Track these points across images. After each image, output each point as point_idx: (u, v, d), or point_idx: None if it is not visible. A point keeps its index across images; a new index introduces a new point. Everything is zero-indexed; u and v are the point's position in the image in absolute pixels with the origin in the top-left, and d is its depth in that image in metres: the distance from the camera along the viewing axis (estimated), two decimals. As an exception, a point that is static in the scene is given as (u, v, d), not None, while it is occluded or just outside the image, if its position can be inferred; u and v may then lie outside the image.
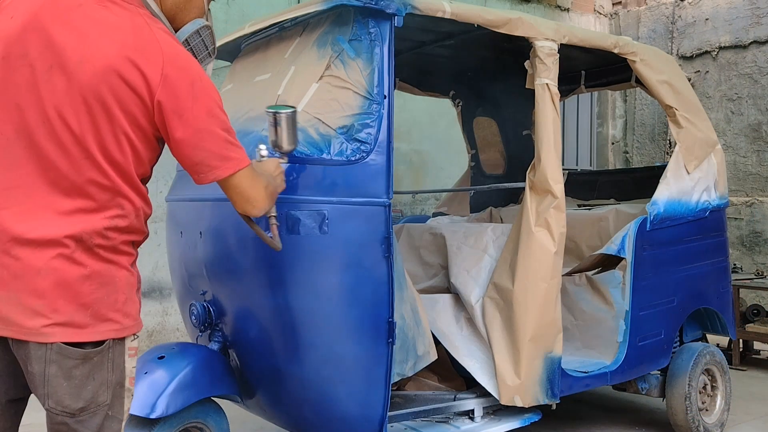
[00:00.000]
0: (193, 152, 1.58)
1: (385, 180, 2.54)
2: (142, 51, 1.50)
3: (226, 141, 1.61)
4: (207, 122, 1.57)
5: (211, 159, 1.60)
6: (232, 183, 1.67)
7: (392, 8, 2.57)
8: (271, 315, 2.51)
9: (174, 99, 1.52)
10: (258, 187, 1.75)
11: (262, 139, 2.45)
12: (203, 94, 1.56)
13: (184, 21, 1.73)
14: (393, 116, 2.58)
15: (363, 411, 2.60)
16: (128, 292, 1.54)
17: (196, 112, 1.55)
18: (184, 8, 1.72)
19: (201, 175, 1.62)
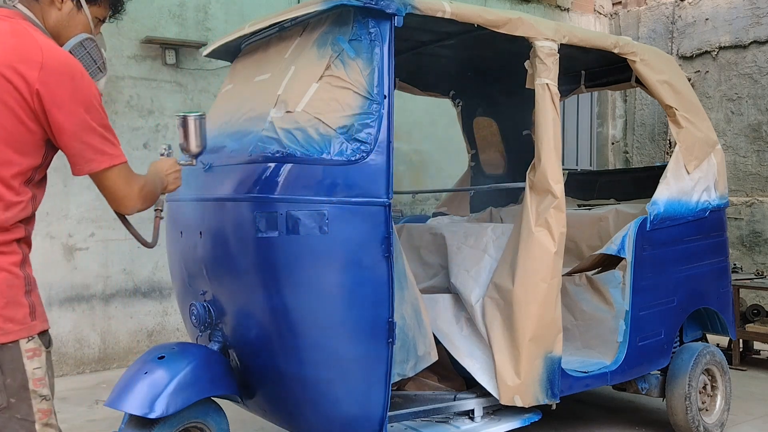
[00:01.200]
0: (70, 142, 1.65)
1: (385, 180, 2.54)
2: (21, 52, 1.58)
3: (102, 136, 1.68)
4: (85, 116, 1.64)
5: (87, 151, 1.66)
6: (105, 178, 1.73)
7: (392, 8, 2.57)
8: (271, 315, 2.50)
9: (52, 89, 1.59)
10: (131, 187, 1.79)
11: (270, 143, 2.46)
12: (82, 88, 1.64)
13: (68, 37, 1.83)
14: (393, 116, 2.58)
15: (363, 411, 2.60)
16: (7, 295, 1.54)
17: (74, 105, 1.62)
18: (67, 25, 1.82)
19: (77, 167, 1.69)
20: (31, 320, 1.58)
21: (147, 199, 1.89)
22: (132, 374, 2.50)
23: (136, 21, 5.40)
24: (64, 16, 1.81)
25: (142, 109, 5.43)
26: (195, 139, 2.30)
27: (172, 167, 2.16)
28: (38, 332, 1.60)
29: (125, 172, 1.76)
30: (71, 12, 1.83)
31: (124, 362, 5.23)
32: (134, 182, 1.81)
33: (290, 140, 2.47)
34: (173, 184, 2.16)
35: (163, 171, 2.11)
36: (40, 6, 1.78)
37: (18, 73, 1.56)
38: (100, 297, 5.20)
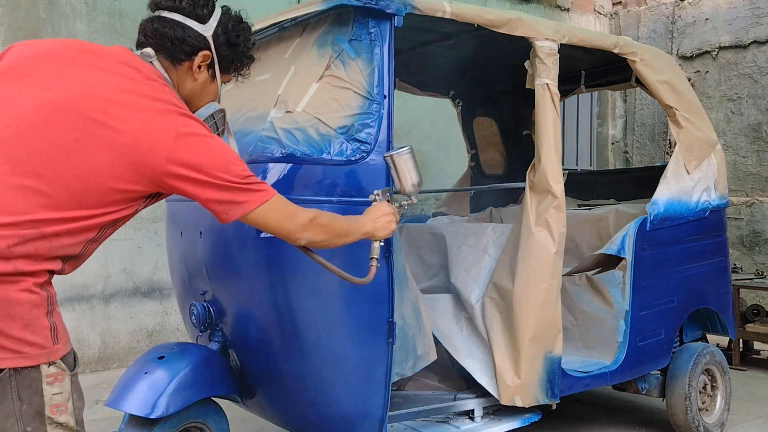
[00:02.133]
0: (211, 205, 1.69)
1: (385, 180, 2.54)
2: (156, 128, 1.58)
3: (243, 188, 1.69)
4: (223, 176, 1.66)
5: (231, 205, 1.69)
6: (257, 218, 1.73)
7: (392, 8, 2.57)
8: (271, 315, 2.51)
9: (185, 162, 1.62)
10: (293, 220, 1.81)
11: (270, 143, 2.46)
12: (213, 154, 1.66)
13: (199, 105, 1.84)
14: (393, 116, 2.58)
15: (363, 411, 2.60)
16: (27, 317, 1.45)
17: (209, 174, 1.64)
18: (200, 94, 1.84)
19: (223, 217, 1.71)
20: (53, 344, 1.48)
21: (324, 231, 1.90)
22: (132, 374, 2.50)
23: (136, 21, 5.35)
24: (199, 86, 1.82)
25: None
26: (409, 176, 2.24)
27: (383, 211, 2.15)
28: (61, 356, 1.50)
29: (277, 205, 1.76)
30: (205, 82, 1.84)
31: (124, 362, 5.23)
32: (298, 215, 1.82)
33: (290, 140, 2.47)
34: (383, 230, 2.14)
35: (373, 215, 2.11)
36: (177, 72, 1.78)
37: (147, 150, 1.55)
38: (100, 297, 5.20)
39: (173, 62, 1.76)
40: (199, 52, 1.77)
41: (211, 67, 1.83)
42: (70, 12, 5.13)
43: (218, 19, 1.82)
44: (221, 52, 1.82)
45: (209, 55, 1.79)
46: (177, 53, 1.75)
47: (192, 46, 1.76)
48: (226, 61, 1.86)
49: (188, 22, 1.76)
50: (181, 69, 1.78)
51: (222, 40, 1.81)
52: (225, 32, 1.82)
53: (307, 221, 1.84)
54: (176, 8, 1.76)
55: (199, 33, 1.77)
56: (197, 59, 1.78)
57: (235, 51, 1.87)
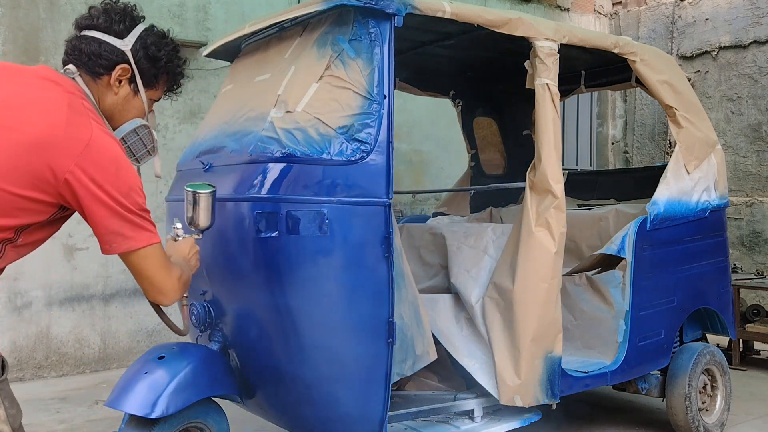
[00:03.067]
0: (100, 227, 1.67)
1: (385, 180, 2.54)
2: (71, 133, 1.57)
3: (134, 223, 1.68)
4: (122, 201, 1.65)
5: (117, 236, 1.67)
6: (139, 260, 1.72)
7: (392, 8, 2.57)
8: (271, 315, 2.50)
9: (89, 175, 1.59)
10: (171, 277, 1.80)
11: (270, 143, 2.45)
12: (124, 177, 1.65)
13: (122, 120, 1.85)
14: (393, 116, 2.58)
15: (363, 411, 2.60)
16: None
17: (111, 193, 1.63)
18: (122, 109, 1.85)
19: (107, 246, 1.69)
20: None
21: (184, 287, 1.90)
22: (132, 374, 2.50)
23: (136, 21, 5.39)
24: (120, 100, 1.84)
25: (142, 109, 5.42)
26: (205, 214, 2.27)
27: (192, 249, 2.16)
28: None
29: (159, 253, 1.74)
30: (127, 96, 1.85)
31: (124, 362, 5.23)
32: (173, 271, 1.81)
33: (290, 140, 2.47)
34: (196, 266, 2.18)
35: (185, 255, 2.11)
36: (97, 86, 1.80)
37: (55, 154, 1.54)
38: (100, 297, 5.20)
39: (93, 77, 1.79)
40: (116, 66, 1.80)
41: (133, 81, 1.85)
42: (70, 12, 5.13)
43: (138, 34, 1.85)
44: (141, 66, 1.85)
45: (128, 68, 1.82)
46: (94, 67, 1.78)
47: (108, 60, 1.79)
48: (148, 75, 1.88)
49: (105, 37, 1.80)
50: (100, 83, 1.80)
51: (141, 55, 1.84)
52: (144, 47, 1.85)
53: (177, 278, 1.84)
54: (93, 26, 1.81)
55: (116, 47, 1.80)
56: (115, 73, 1.80)
57: (156, 65, 1.89)
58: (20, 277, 4.89)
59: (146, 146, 1.91)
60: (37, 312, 4.98)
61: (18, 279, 4.89)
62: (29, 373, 4.96)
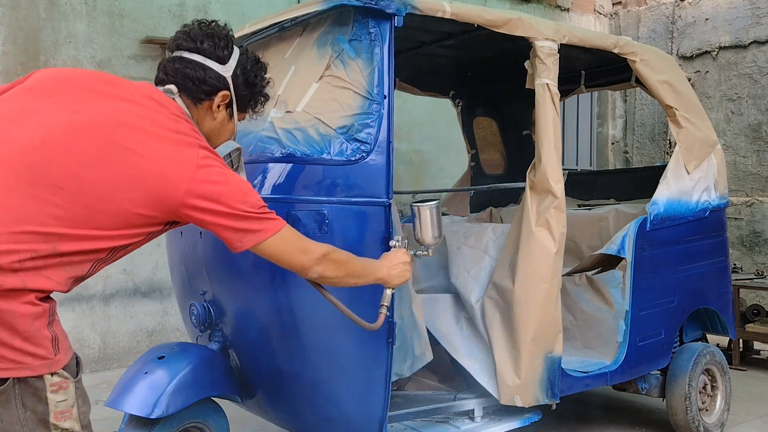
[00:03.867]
0: (224, 233, 1.74)
1: (385, 180, 2.54)
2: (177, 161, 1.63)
3: (257, 217, 1.73)
4: (240, 206, 1.71)
5: (244, 234, 1.73)
6: (268, 248, 1.76)
7: (392, 8, 2.57)
8: (271, 315, 2.50)
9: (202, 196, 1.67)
10: (306, 254, 1.84)
11: (270, 143, 2.45)
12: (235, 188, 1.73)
13: (216, 143, 1.89)
14: (393, 116, 2.58)
15: (363, 411, 2.60)
16: (29, 329, 1.45)
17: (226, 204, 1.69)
18: (218, 133, 1.91)
19: (234, 245, 1.74)
20: (54, 354, 1.49)
21: (337, 267, 1.92)
22: (132, 374, 2.50)
23: (136, 21, 5.40)
24: (217, 124, 1.88)
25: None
26: (431, 229, 2.25)
27: (400, 258, 2.16)
28: (63, 366, 1.52)
29: (288, 236, 1.79)
30: (223, 121, 1.89)
31: (124, 362, 5.23)
32: (310, 249, 1.85)
33: (290, 140, 2.47)
34: (398, 278, 2.16)
35: (389, 261, 2.13)
36: (198, 111, 1.83)
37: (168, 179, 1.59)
38: (99, 297, 5.20)
39: (194, 101, 1.81)
40: (219, 92, 1.83)
41: (230, 106, 1.89)
42: (70, 12, 5.13)
43: (237, 59, 1.88)
44: (239, 92, 1.89)
45: (228, 95, 1.85)
46: (198, 93, 1.80)
47: (212, 86, 1.81)
48: (243, 100, 1.93)
49: (209, 63, 1.81)
50: (201, 108, 1.83)
51: (241, 80, 1.88)
52: (244, 72, 1.89)
53: (320, 255, 1.88)
54: (197, 50, 1.82)
55: (220, 74, 1.83)
56: (217, 99, 1.83)
57: (252, 90, 1.94)
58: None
59: (234, 166, 1.97)
60: (37, 312, 4.97)
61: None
62: (29, 373, 4.96)
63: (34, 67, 5.00)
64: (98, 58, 5.24)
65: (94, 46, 5.23)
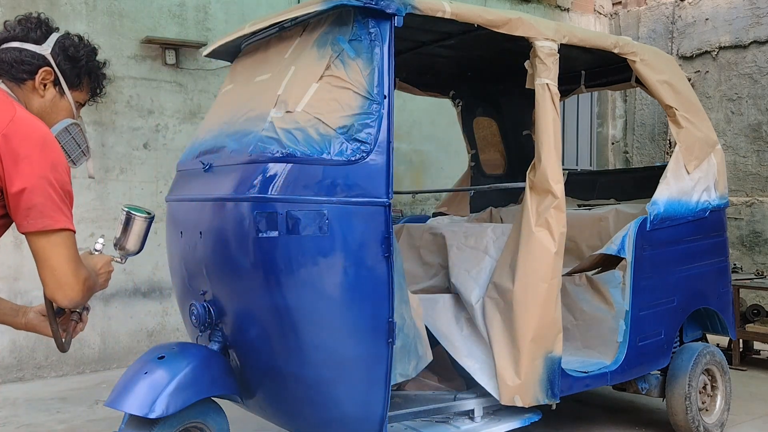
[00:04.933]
0: (26, 196, 1.64)
1: (385, 180, 2.54)
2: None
3: (61, 198, 1.67)
4: (49, 173, 1.65)
5: (44, 207, 1.64)
6: (51, 245, 1.66)
7: (392, 8, 2.57)
8: (271, 315, 2.50)
9: (16, 144, 1.63)
10: (77, 275, 1.71)
11: (270, 143, 2.45)
12: (52, 150, 1.68)
13: (52, 122, 1.88)
14: (393, 116, 2.58)
15: (363, 411, 2.60)
16: None
17: (40, 163, 1.65)
18: (50, 111, 1.89)
19: (27, 220, 1.64)
20: None
21: (87, 294, 1.80)
22: (132, 374, 2.50)
23: (136, 21, 5.40)
24: (47, 102, 1.89)
25: (141, 109, 5.43)
26: (136, 240, 2.16)
27: (105, 267, 2.05)
28: None
29: (71, 244, 1.69)
30: (54, 98, 1.90)
31: (124, 362, 5.23)
32: (81, 271, 1.73)
33: (290, 140, 2.47)
34: (101, 287, 2.06)
35: (96, 269, 2.00)
36: (23, 91, 1.85)
37: None
38: (99, 297, 5.19)
39: (17, 83, 1.84)
40: (39, 69, 1.86)
41: (57, 83, 1.90)
42: (70, 12, 5.14)
43: (55, 39, 1.92)
44: (62, 67, 1.90)
45: (50, 71, 1.88)
46: (18, 73, 1.84)
47: (30, 64, 1.85)
48: (71, 76, 1.93)
49: (24, 45, 1.86)
50: (25, 88, 1.86)
51: (61, 57, 1.90)
52: (63, 49, 1.92)
53: (83, 279, 1.74)
54: (11, 37, 1.87)
55: (36, 52, 1.86)
56: (38, 76, 1.86)
57: (77, 65, 1.94)
58: (20, 277, 4.89)
59: (80, 146, 1.95)
60: (37, 312, 4.97)
61: (18, 279, 4.89)
62: (29, 373, 4.96)
63: (34, 67, 5.00)
64: (98, 58, 5.23)
65: (94, 46, 5.22)
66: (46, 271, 1.68)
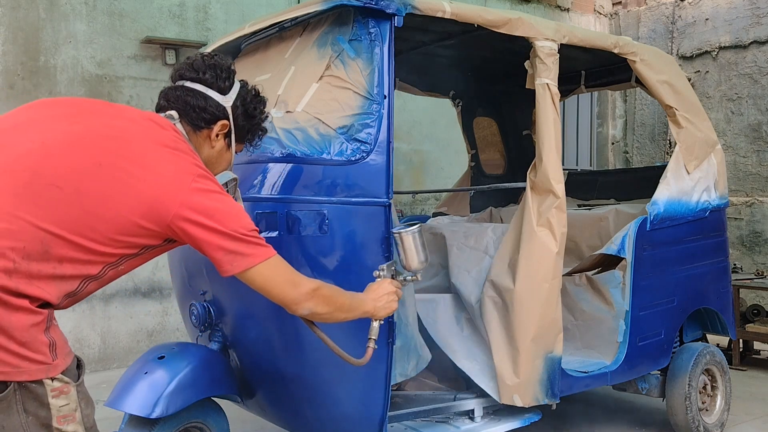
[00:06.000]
0: (214, 253, 1.71)
1: (385, 180, 2.54)
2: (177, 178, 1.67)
3: (246, 240, 1.72)
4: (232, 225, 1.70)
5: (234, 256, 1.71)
6: (257, 276, 1.74)
7: (392, 8, 2.57)
8: (271, 315, 2.50)
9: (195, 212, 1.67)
10: (296, 288, 1.81)
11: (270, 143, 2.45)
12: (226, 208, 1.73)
13: (214, 172, 1.91)
14: (393, 116, 2.58)
15: (363, 411, 2.60)
16: (26, 334, 1.45)
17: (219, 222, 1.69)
18: (215, 161, 1.94)
19: (223, 268, 1.71)
20: (51, 359, 1.50)
21: (327, 303, 1.88)
22: (132, 374, 2.50)
23: (136, 21, 5.40)
24: (215, 153, 1.91)
25: (142, 109, 5.42)
26: (417, 254, 2.20)
27: (385, 290, 2.12)
28: (61, 371, 1.52)
29: (279, 265, 1.76)
30: (221, 150, 1.93)
31: (124, 362, 5.24)
32: (301, 283, 1.82)
33: (290, 140, 2.47)
34: (383, 310, 2.12)
35: (374, 294, 2.09)
36: (197, 138, 1.87)
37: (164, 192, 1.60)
38: (100, 297, 5.20)
39: (194, 128, 1.86)
40: (218, 121, 1.87)
41: (228, 136, 1.92)
42: (70, 12, 5.14)
43: (237, 91, 1.93)
44: (238, 122, 1.93)
45: (227, 124, 1.89)
46: (198, 120, 1.85)
47: (212, 114, 1.86)
48: (242, 131, 1.97)
49: (210, 92, 1.86)
50: (200, 135, 1.87)
51: (240, 111, 1.93)
52: (243, 104, 1.94)
53: (311, 290, 1.84)
54: (199, 80, 1.87)
55: (220, 103, 1.87)
56: (216, 128, 1.87)
57: (251, 122, 1.98)
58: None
59: (231, 196, 1.98)
60: (37, 312, 4.97)
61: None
62: (29, 373, 4.96)
63: (34, 67, 5.01)
64: (98, 58, 5.24)
65: (94, 46, 5.23)
66: (273, 297, 1.81)
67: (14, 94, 4.94)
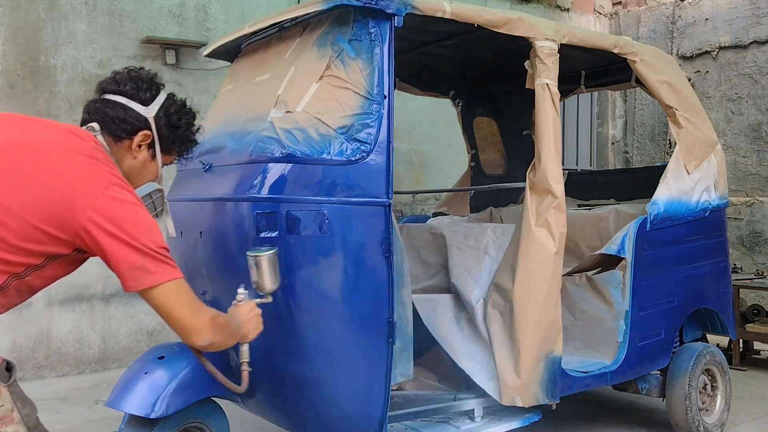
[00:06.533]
0: (119, 266, 1.67)
1: (385, 180, 2.54)
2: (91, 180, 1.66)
3: (156, 258, 1.68)
4: (142, 239, 1.67)
5: (139, 272, 1.66)
6: (159, 296, 1.68)
7: (392, 8, 2.57)
8: (270, 315, 2.50)
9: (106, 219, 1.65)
10: (198, 316, 1.75)
11: (270, 143, 2.45)
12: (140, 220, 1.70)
13: (137, 183, 1.90)
14: (393, 116, 2.58)
15: (363, 411, 2.60)
16: None
17: (130, 234, 1.66)
18: (138, 173, 1.91)
19: (127, 284, 1.67)
20: None
21: (222, 331, 1.84)
22: (132, 374, 2.50)
23: (136, 21, 5.40)
24: (138, 164, 1.90)
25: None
26: (270, 276, 2.24)
27: (251, 311, 2.12)
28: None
29: (183, 289, 1.72)
30: (145, 161, 1.91)
31: (124, 362, 5.24)
32: (203, 312, 1.78)
33: (290, 140, 2.47)
34: (254, 332, 2.13)
35: (242, 317, 2.09)
36: (118, 149, 1.85)
37: (75, 199, 1.59)
38: (100, 297, 5.20)
39: (114, 139, 1.84)
40: (139, 131, 1.86)
41: (152, 147, 1.91)
42: (70, 12, 5.14)
43: (161, 103, 1.92)
44: (162, 133, 1.91)
45: (149, 134, 1.88)
46: (118, 131, 1.84)
47: (132, 125, 1.85)
48: (167, 142, 1.94)
49: (130, 104, 1.86)
50: (121, 146, 1.86)
51: (163, 122, 1.91)
52: (167, 115, 1.92)
53: (209, 319, 1.79)
54: (120, 91, 1.87)
55: (141, 114, 1.87)
56: (137, 138, 1.86)
57: (176, 133, 1.95)
58: (20, 277, 4.89)
59: (156, 209, 1.98)
60: (37, 312, 4.98)
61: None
62: (29, 373, 4.96)
63: (34, 67, 5.01)
64: (98, 58, 5.24)
65: (94, 46, 5.23)
66: (172, 322, 1.74)
67: (14, 94, 4.94)
